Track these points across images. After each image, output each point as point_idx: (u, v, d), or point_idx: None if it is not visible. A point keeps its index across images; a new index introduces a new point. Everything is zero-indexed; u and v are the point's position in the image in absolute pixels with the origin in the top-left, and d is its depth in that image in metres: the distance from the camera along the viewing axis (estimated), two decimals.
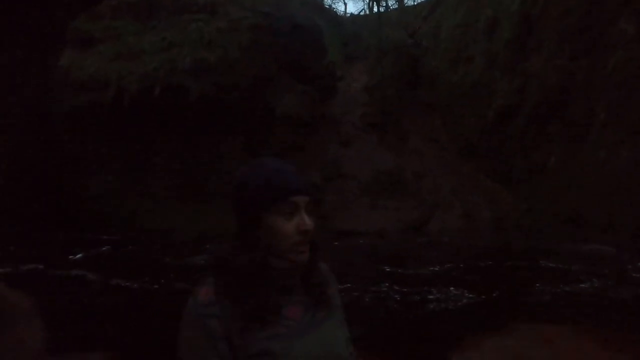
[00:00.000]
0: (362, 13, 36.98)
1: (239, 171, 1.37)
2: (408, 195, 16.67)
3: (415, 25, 25.25)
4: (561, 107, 14.21)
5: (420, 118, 20.46)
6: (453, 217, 15.66)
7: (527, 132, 15.36)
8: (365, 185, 17.07)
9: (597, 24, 13.44)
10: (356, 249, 12.60)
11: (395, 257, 11.23)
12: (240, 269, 1.27)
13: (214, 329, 1.22)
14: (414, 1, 36.24)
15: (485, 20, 18.02)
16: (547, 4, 14.96)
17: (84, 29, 14.93)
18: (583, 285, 8.06)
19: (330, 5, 37.49)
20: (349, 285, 8.27)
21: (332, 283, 1.49)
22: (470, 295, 7.65)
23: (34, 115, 10.23)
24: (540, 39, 15.17)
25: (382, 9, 30.05)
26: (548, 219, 13.33)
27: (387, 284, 8.37)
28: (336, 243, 12.51)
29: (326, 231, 13.09)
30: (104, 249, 11.40)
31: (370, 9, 36.37)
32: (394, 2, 37.31)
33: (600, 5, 13.37)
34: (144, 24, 16.03)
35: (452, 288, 8.01)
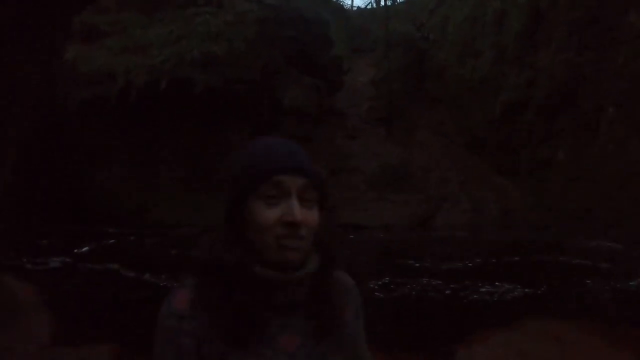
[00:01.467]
0: (369, 6, 36.79)
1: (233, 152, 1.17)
2: (415, 189, 16.62)
3: (423, 18, 25.09)
4: (570, 101, 14.12)
5: (428, 112, 20.39)
6: (460, 212, 15.60)
7: (535, 126, 15.28)
8: (372, 179, 17.04)
9: (605, 17, 13.32)
10: (369, 242, 12.59)
11: (415, 251, 11.14)
12: (215, 273, 1.02)
13: (185, 348, 0.99)
14: None
15: (493, 13, 17.88)
16: None
17: (90, 22, 14.92)
18: (632, 283, 7.98)
19: None
20: (387, 279, 8.22)
21: (350, 303, 1.18)
22: (527, 290, 7.60)
23: (40, 109, 10.25)
24: (549, 32, 15.05)
25: (389, 2, 29.86)
26: (556, 214, 13.27)
27: (426, 279, 8.30)
28: (352, 236, 12.50)
29: (333, 224, 13.07)
30: (110, 242, 11.45)
31: (377, 1, 36.19)
32: None
33: None
34: (151, 17, 16.01)
35: (497, 283, 7.96)
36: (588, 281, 8.06)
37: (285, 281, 1.02)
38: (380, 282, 8.08)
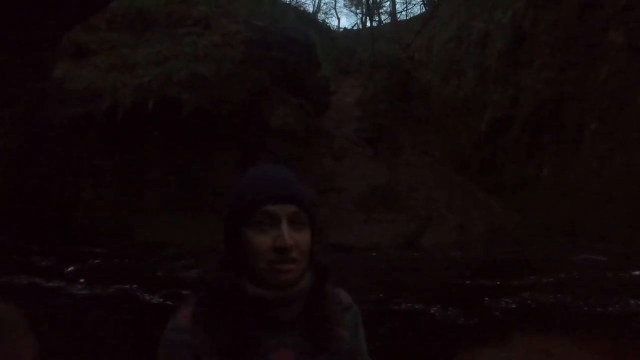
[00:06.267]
0: (355, 27, 37.27)
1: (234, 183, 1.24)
2: (401, 209, 16.65)
3: (408, 39, 25.45)
4: (553, 118, 14.31)
5: (414, 132, 20.55)
6: (447, 230, 15.65)
7: (519, 144, 15.44)
8: (359, 199, 17.05)
9: (586, 35, 13.58)
10: (358, 262, 12.52)
11: (404, 270, 11.11)
12: (211, 294, 1.10)
13: (182, 359, 1.05)
14: (406, 16, 36.65)
15: (476, 34, 18.16)
16: (538, 16, 15.12)
17: (78, 40, 14.92)
18: (618, 297, 7.95)
19: (323, 20, 37.85)
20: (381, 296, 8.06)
21: (347, 319, 1.21)
22: (514, 306, 7.54)
23: (29, 127, 10.21)
24: (532, 51, 15.31)
25: (375, 24, 30.28)
26: (541, 230, 13.34)
27: (414, 298, 8.18)
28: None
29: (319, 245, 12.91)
30: (96, 261, 11.31)
31: (363, 23, 36.68)
32: (387, 16, 37.73)
33: (589, 17, 13.52)
34: (139, 37, 16.05)
35: (485, 299, 7.91)
36: (575, 295, 8.07)
37: (275, 299, 1.08)
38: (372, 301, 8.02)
